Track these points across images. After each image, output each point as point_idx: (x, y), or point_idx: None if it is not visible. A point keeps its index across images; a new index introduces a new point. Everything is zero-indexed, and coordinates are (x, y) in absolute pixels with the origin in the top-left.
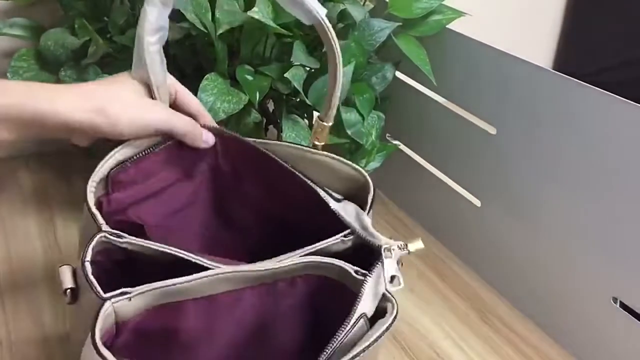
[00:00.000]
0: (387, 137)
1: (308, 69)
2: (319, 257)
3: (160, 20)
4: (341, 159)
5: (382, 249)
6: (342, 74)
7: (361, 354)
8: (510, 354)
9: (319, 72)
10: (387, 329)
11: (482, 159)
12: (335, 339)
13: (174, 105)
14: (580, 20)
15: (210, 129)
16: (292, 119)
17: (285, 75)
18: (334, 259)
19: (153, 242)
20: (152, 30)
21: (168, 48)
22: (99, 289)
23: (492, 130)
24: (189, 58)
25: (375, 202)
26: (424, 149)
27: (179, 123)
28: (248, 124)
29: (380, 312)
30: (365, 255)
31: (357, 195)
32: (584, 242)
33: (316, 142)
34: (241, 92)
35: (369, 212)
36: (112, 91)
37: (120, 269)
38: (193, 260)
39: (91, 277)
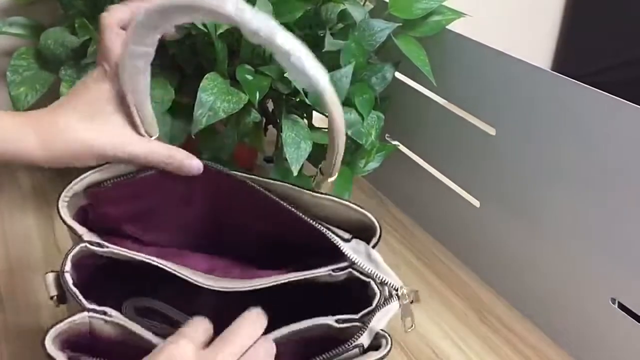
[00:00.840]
0: (387, 138)
1: None
2: (299, 325)
3: (148, 35)
4: (345, 202)
5: (399, 292)
6: (344, 132)
7: None
8: (509, 354)
9: None
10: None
11: (482, 160)
12: (325, 356)
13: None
14: (580, 20)
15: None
16: (292, 119)
17: (285, 75)
18: (315, 320)
19: (137, 253)
20: (138, 39)
21: (168, 48)
22: (80, 298)
23: (491, 131)
24: (188, 58)
25: (375, 202)
26: (423, 149)
27: (155, 161)
28: (248, 123)
29: (373, 346)
30: (357, 286)
31: (361, 233)
32: (582, 242)
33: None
34: (241, 92)
35: (374, 246)
36: (74, 125)
37: (106, 272)
38: (176, 274)
39: (72, 288)
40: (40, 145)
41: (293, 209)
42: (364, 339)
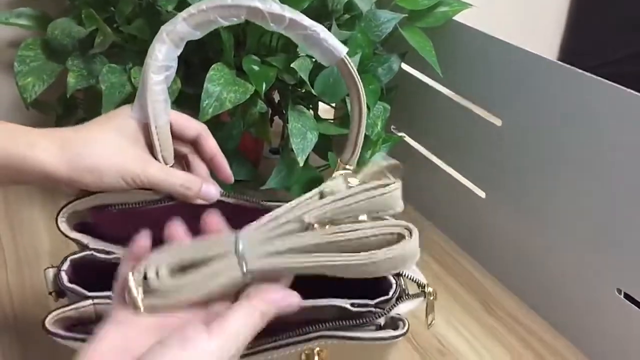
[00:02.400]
0: (392, 129)
1: (314, 59)
2: (314, 302)
3: (169, 60)
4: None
5: (426, 290)
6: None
7: (359, 341)
8: (514, 344)
9: None
10: (394, 337)
11: (487, 151)
12: (341, 322)
13: (174, 133)
14: (587, 12)
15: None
16: (298, 110)
17: (291, 65)
18: (331, 300)
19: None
20: (159, 67)
21: None
22: (80, 289)
23: (497, 122)
24: (195, 48)
25: None
26: (428, 140)
27: (171, 185)
28: (254, 114)
29: (390, 326)
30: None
31: None
32: (588, 233)
33: None
34: (247, 82)
35: None
36: (96, 139)
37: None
38: None
39: (67, 285)
40: (64, 160)
41: None
42: (381, 321)
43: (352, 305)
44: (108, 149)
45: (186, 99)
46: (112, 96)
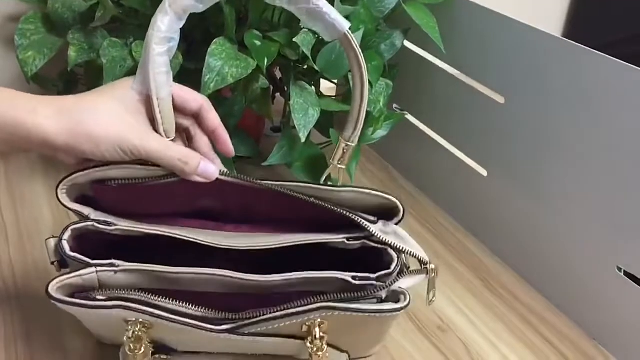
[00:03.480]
0: (395, 108)
1: (317, 35)
2: (317, 273)
3: (171, 31)
4: (365, 190)
5: (428, 266)
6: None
7: (361, 313)
8: (515, 322)
9: None
10: (395, 310)
11: (490, 129)
12: (343, 295)
13: (176, 107)
14: None
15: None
16: (300, 86)
17: (294, 40)
18: (334, 273)
19: (146, 225)
20: (161, 39)
21: None
22: (83, 258)
23: (500, 100)
24: (196, 23)
25: (381, 171)
26: (430, 118)
27: (169, 158)
28: (256, 90)
29: (392, 299)
30: (372, 256)
31: (384, 215)
32: (589, 211)
33: (339, 165)
34: (249, 58)
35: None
36: (96, 107)
37: (114, 248)
38: (191, 240)
39: (69, 254)
40: (63, 127)
41: (317, 202)
42: (382, 294)
43: (354, 278)
44: (107, 118)
45: (188, 73)
46: (113, 70)
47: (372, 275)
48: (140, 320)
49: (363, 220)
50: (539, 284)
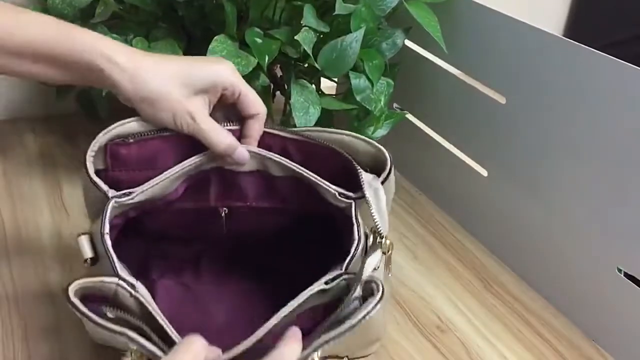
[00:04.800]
0: (395, 107)
1: (318, 33)
2: (295, 302)
3: None
4: (362, 137)
5: (383, 241)
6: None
7: (351, 330)
8: (514, 322)
9: (328, 37)
10: (375, 305)
11: (490, 129)
12: (331, 317)
13: (237, 104)
14: None
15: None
16: (301, 84)
17: (295, 37)
18: (307, 292)
19: (159, 177)
20: None
21: (177, 10)
22: (116, 264)
23: (501, 100)
24: (197, 20)
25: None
26: (431, 118)
27: (215, 142)
28: (256, 87)
29: (367, 292)
30: (348, 226)
31: (375, 169)
32: (589, 212)
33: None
34: (250, 55)
35: (383, 181)
36: (169, 77)
37: (127, 234)
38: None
39: (111, 251)
40: (131, 85)
41: (313, 140)
42: (359, 291)
43: (326, 283)
44: (171, 90)
45: None
46: None
47: (341, 271)
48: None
49: (357, 165)
50: (538, 284)
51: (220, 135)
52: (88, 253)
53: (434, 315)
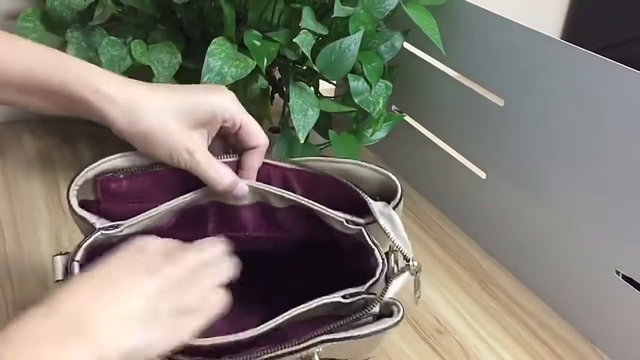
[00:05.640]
0: (394, 109)
1: (316, 35)
2: (307, 305)
3: None
4: (369, 165)
5: (411, 263)
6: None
7: (360, 339)
8: (512, 324)
9: (327, 40)
10: (391, 326)
11: (489, 131)
12: (339, 322)
13: (238, 135)
14: None
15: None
16: (299, 86)
17: (294, 40)
18: (323, 299)
19: (151, 211)
20: None
21: (175, 12)
22: None
23: (499, 102)
24: (195, 23)
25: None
26: (429, 120)
27: (210, 178)
28: (255, 90)
29: (385, 313)
30: (365, 252)
31: (384, 196)
32: (587, 214)
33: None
34: (249, 58)
35: (395, 207)
36: (161, 111)
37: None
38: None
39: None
40: (125, 117)
41: (313, 170)
42: (377, 309)
43: (344, 297)
44: (171, 124)
45: (187, 73)
46: (111, 69)
47: (362, 289)
48: None
49: (364, 194)
50: (537, 286)
51: (220, 174)
52: (59, 275)
53: (432, 317)
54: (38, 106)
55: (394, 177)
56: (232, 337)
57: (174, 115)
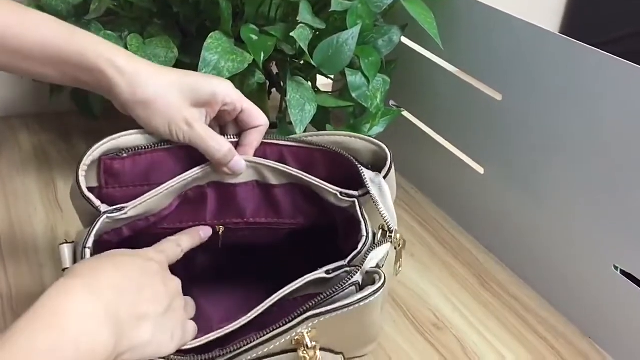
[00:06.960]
0: (391, 104)
1: (314, 30)
2: (292, 286)
3: None
4: (361, 135)
5: (393, 233)
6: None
7: (344, 309)
8: (510, 319)
9: (324, 34)
10: (373, 293)
11: (487, 126)
12: (322, 296)
13: (239, 119)
14: None
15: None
16: (297, 81)
17: (291, 34)
18: (307, 277)
19: (154, 191)
20: None
21: (172, 6)
22: None
23: (497, 97)
24: (192, 17)
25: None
26: (427, 115)
27: (210, 147)
28: (252, 84)
29: (368, 282)
30: (353, 224)
31: (376, 166)
32: (586, 210)
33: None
34: (245, 52)
35: (385, 176)
36: (167, 87)
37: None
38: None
39: None
40: (129, 85)
41: (313, 146)
42: (358, 277)
43: (327, 272)
44: (175, 99)
45: (183, 67)
46: None
47: (343, 263)
48: None
49: (358, 163)
50: (534, 281)
51: (218, 142)
52: (67, 263)
53: (430, 312)
54: (41, 72)
55: (384, 146)
56: (220, 332)
57: (176, 90)
